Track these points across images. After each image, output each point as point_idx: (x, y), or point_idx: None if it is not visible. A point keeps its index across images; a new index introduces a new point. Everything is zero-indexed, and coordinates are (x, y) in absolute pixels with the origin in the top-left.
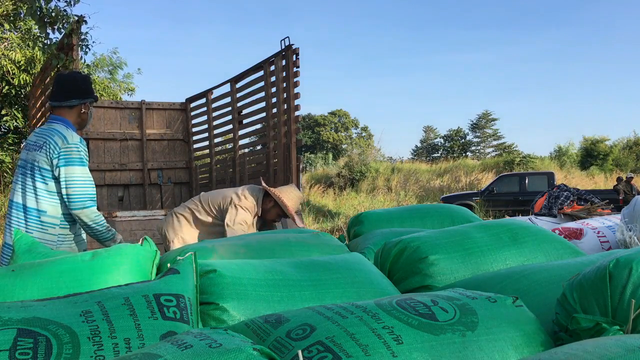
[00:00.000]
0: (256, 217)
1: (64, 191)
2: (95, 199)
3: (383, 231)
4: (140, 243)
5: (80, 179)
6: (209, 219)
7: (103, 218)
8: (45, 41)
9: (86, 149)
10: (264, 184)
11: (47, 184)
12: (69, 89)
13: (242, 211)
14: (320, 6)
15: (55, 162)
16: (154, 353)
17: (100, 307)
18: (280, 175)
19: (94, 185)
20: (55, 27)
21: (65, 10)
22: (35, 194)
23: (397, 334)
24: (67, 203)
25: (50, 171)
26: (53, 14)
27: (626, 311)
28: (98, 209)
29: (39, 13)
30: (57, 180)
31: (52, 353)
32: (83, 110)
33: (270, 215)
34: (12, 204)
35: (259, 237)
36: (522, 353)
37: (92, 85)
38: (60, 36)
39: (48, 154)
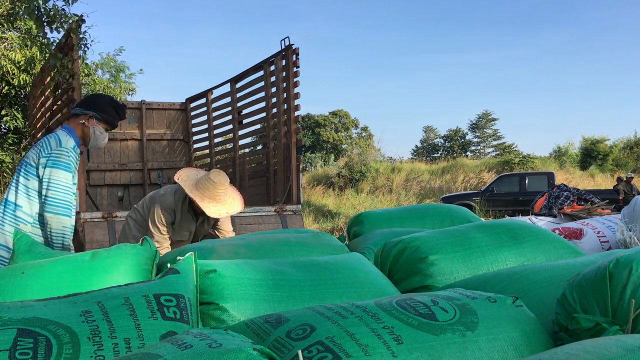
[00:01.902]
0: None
1: (44, 192)
2: (71, 208)
3: (383, 231)
4: (140, 243)
5: (62, 184)
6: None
7: (69, 234)
8: (43, 40)
9: (78, 157)
10: (178, 181)
11: (28, 180)
12: (80, 101)
13: (154, 226)
14: (320, 6)
15: (42, 161)
16: (154, 353)
17: (100, 307)
18: (280, 175)
19: (74, 195)
20: (54, 26)
21: (63, 10)
22: (17, 189)
23: (397, 334)
24: (43, 204)
25: (35, 169)
26: (51, 13)
27: (626, 311)
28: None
29: (36, 12)
30: (40, 180)
31: (52, 353)
32: (84, 122)
33: (200, 211)
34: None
35: (259, 237)
36: (522, 353)
37: (111, 107)
38: (59, 36)
39: (39, 152)
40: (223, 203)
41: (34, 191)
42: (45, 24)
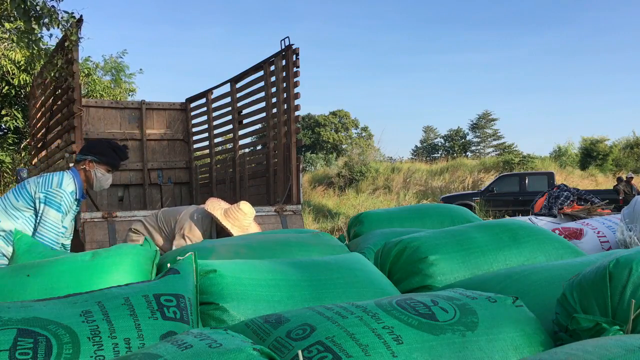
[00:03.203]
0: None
1: (38, 226)
2: (54, 245)
3: (383, 231)
4: (140, 243)
5: (51, 222)
6: (159, 238)
7: None
8: (31, 37)
9: (72, 201)
10: (210, 211)
11: (18, 201)
12: (82, 147)
13: (189, 242)
14: (320, 6)
15: (40, 195)
16: (154, 353)
17: (100, 307)
18: (280, 175)
19: (60, 233)
20: (42, 22)
21: (53, 6)
22: (1, 200)
23: (397, 334)
24: (33, 236)
25: (30, 196)
26: (38, 8)
27: (626, 311)
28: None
29: (23, 7)
30: (30, 206)
31: (52, 353)
32: (85, 167)
33: (228, 234)
34: None
35: (260, 238)
36: (522, 353)
37: (110, 150)
38: (48, 33)
39: (40, 186)
40: (246, 232)
41: (14, 210)
42: (32, 19)
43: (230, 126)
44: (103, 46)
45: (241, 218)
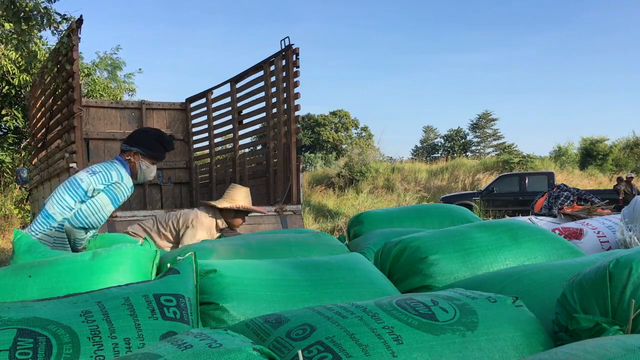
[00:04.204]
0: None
1: (82, 204)
2: (90, 229)
3: (383, 231)
4: (140, 243)
5: (99, 206)
6: (160, 241)
7: (81, 245)
8: (20, 38)
9: (129, 193)
10: (211, 202)
11: (75, 202)
12: (128, 136)
13: (200, 230)
14: (320, 6)
15: (99, 187)
16: (154, 353)
17: (100, 307)
18: (280, 175)
19: (102, 220)
20: (31, 23)
21: (46, 7)
22: (59, 204)
23: (397, 334)
24: (73, 214)
25: (85, 192)
26: (27, 9)
27: (626, 311)
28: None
29: (12, 8)
30: (84, 201)
31: (52, 353)
32: (129, 158)
33: (238, 222)
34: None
35: (260, 238)
36: (522, 353)
37: (157, 142)
38: (39, 34)
39: (96, 181)
40: (236, 202)
41: (69, 210)
42: (22, 20)
43: (230, 126)
44: (103, 46)
45: (231, 193)
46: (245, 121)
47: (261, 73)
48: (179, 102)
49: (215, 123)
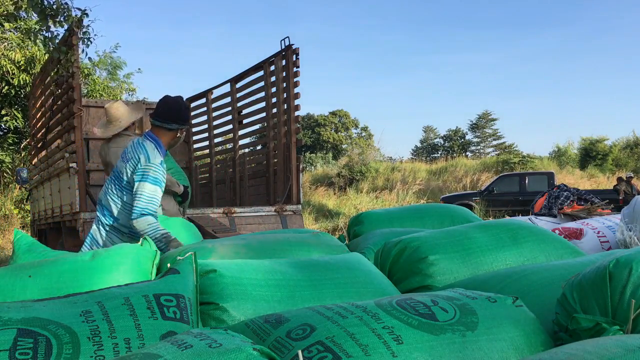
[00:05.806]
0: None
1: (133, 202)
2: (152, 213)
3: (383, 231)
4: (140, 243)
5: (146, 195)
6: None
7: (154, 229)
8: (46, 34)
9: (164, 170)
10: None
11: (125, 195)
12: (173, 113)
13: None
14: (320, 6)
15: (134, 177)
16: (154, 353)
17: (100, 307)
18: (280, 175)
19: (158, 204)
20: (57, 19)
21: (66, 3)
22: (115, 202)
23: (397, 334)
24: (129, 212)
25: (130, 185)
26: (54, 6)
27: (626, 311)
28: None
29: (40, 5)
30: (129, 190)
31: (52, 353)
32: (179, 135)
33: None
34: (99, 203)
35: (259, 238)
36: (522, 353)
37: (169, 112)
38: (61, 30)
39: (132, 169)
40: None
41: (128, 204)
42: (48, 17)
43: (230, 126)
44: (100, 44)
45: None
46: (245, 121)
47: (261, 73)
48: None
49: (215, 123)
